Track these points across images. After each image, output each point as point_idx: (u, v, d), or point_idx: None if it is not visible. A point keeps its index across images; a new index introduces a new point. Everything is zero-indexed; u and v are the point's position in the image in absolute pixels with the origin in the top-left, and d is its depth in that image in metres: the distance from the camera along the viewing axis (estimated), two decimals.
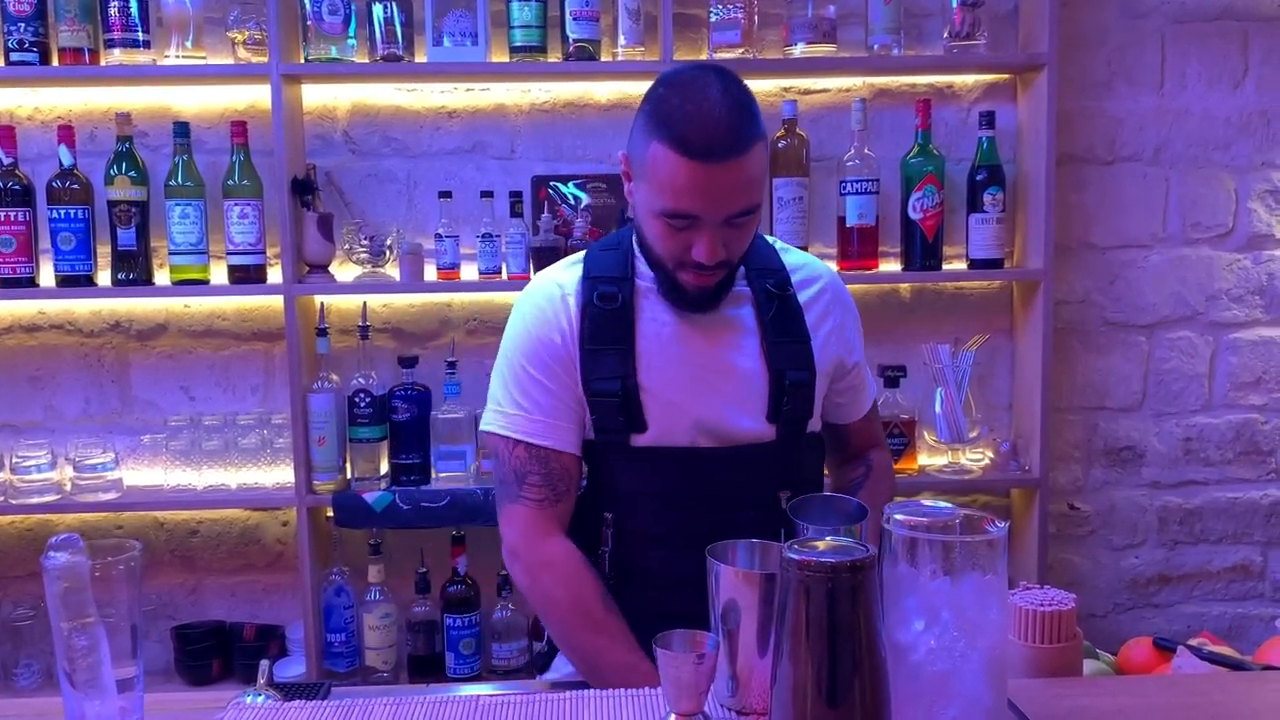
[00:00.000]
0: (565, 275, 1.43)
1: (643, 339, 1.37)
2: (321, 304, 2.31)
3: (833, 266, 2.33)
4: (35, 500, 2.22)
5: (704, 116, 1.24)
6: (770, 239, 1.50)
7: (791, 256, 1.48)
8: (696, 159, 1.23)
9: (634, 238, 1.43)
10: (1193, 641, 1.36)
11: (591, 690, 1.14)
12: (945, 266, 2.33)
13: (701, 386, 1.36)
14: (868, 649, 0.89)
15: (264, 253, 2.25)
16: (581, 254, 1.46)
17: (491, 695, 1.13)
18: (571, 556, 1.35)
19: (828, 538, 0.92)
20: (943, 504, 1.02)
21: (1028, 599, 1.20)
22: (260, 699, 1.19)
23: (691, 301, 1.36)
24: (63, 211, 2.18)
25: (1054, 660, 1.17)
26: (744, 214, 1.29)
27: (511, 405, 1.38)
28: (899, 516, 0.97)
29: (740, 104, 1.28)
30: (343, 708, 1.10)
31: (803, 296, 1.43)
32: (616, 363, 1.34)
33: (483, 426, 1.42)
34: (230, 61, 2.23)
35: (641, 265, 1.42)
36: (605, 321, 1.36)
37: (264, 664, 1.25)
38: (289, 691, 1.23)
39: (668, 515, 1.36)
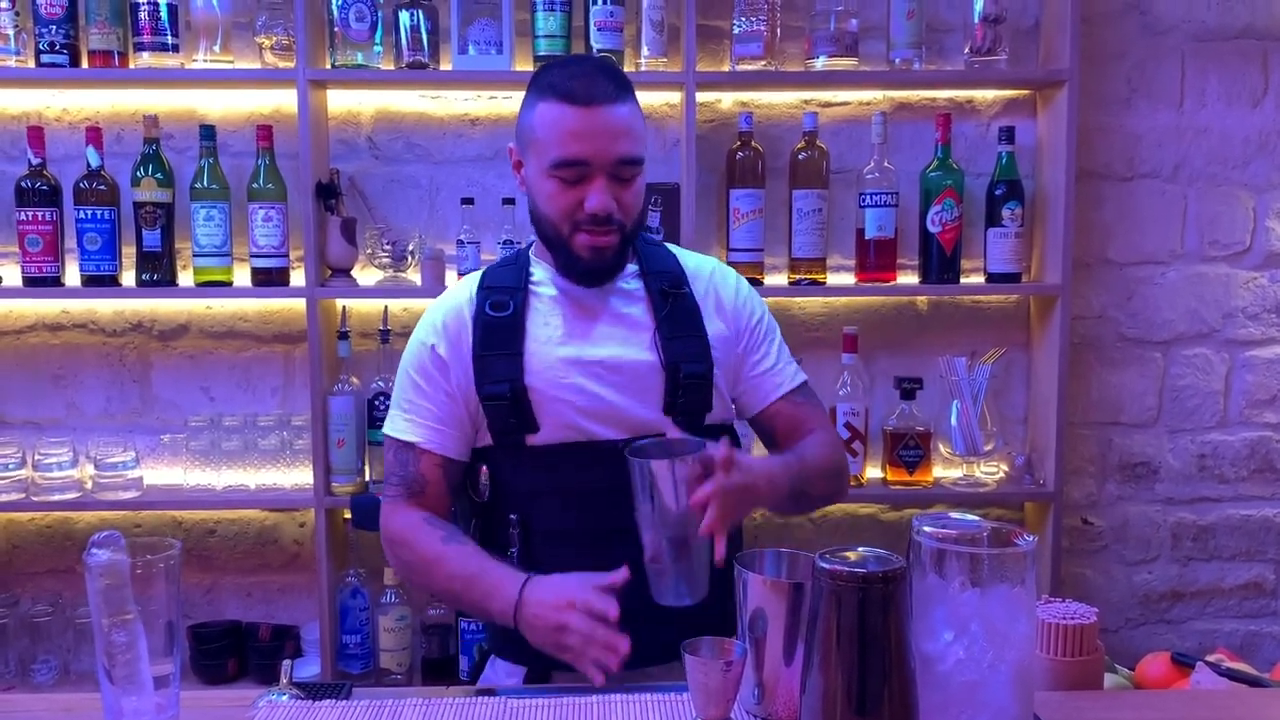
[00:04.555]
0: (463, 289, 1.49)
1: (531, 341, 1.42)
2: (343, 307, 2.33)
3: (850, 280, 2.36)
4: (56, 498, 2.24)
5: (583, 72, 1.38)
6: (671, 247, 1.55)
7: (688, 259, 1.53)
8: (581, 104, 1.34)
9: (530, 248, 1.51)
10: (1211, 657, 1.37)
11: (618, 694, 1.15)
12: (963, 280, 2.34)
13: (593, 383, 1.40)
14: (897, 659, 0.90)
15: (287, 256, 2.27)
16: (482, 271, 1.53)
17: (520, 699, 1.15)
18: (410, 519, 1.41)
19: (860, 549, 0.93)
20: (970, 516, 1.03)
21: (1050, 612, 1.21)
22: (285, 698, 1.20)
23: (589, 270, 1.40)
24: (89, 212, 2.20)
25: (1076, 674, 1.18)
26: (629, 162, 1.36)
27: (395, 408, 1.47)
28: (928, 529, 0.98)
29: (613, 66, 1.44)
30: (373, 708, 1.11)
31: (698, 293, 1.47)
32: (505, 367, 1.39)
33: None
34: (257, 66, 2.25)
35: (536, 272, 1.47)
36: (495, 328, 1.42)
37: (286, 663, 1.27)
38: (311, 691, 1.24)
39: (567, 511, 1.40)
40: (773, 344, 1.51)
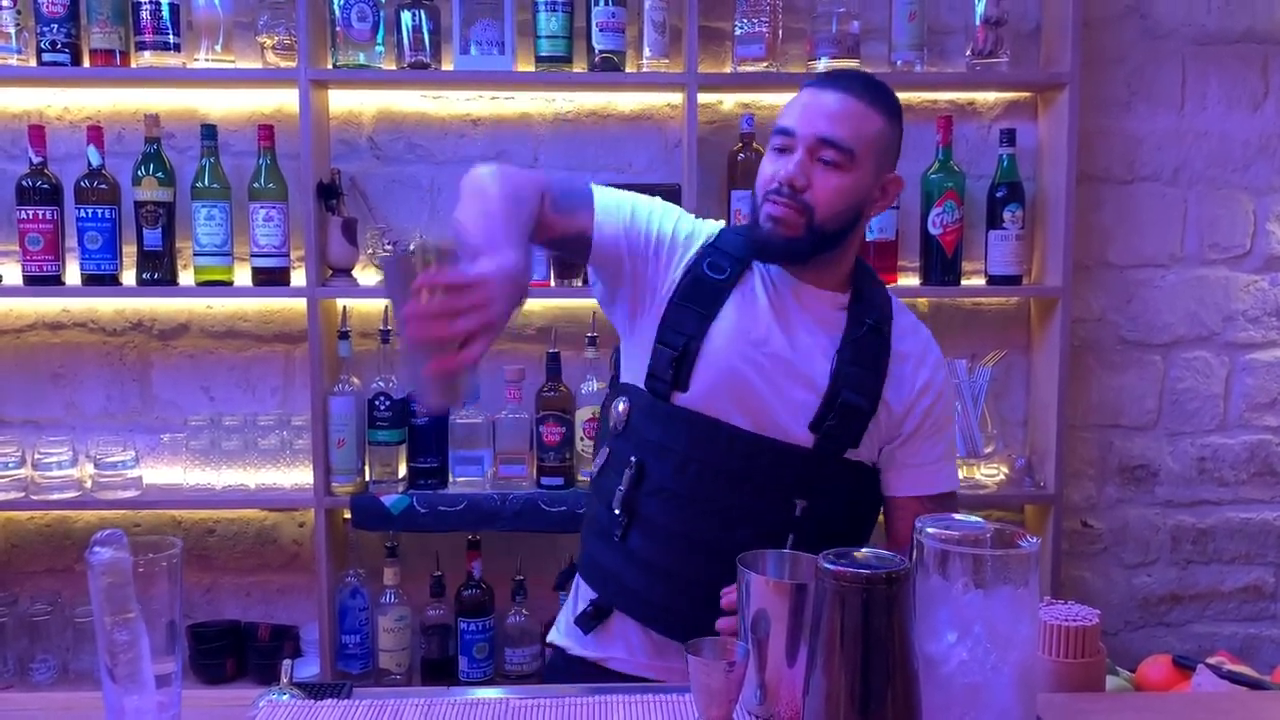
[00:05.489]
0: (709, 231, 1.50)
1: (726, 311, 1.42)
2: (344, 307, 2.33)
3: None
4: (56, 497, 2.23)
5: (838, 71, 1.51)
6: (895, 298, 1.52)
7: (907, 315, 1.50)
8: (809, 86, 1.42)
9: None
10: (1212, 660, 1.37)
11: (619, 695, 1.15)
12: (964, 282, 2.34)
13: (757, 372, 1.40)
14: (900, 660, 0.90)
15: (288, 255, 2.27)
16: (721, 224, 1.53)
17: (520, 699, 1.14)
18: (528, 170, 1.47)
19: (864, 550, 0.93)
20: (973, 518, 1.03)
21: (1052, 614, 1.21)
22: (285, 697, 1.20)
23: (762, 240, 1.40)
24: (90, 211, 2.20)
25: (1078, 675, 1.18)
26: (831, 145, 1.35)
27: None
28: (931, 530, 0.98)
29: (872, 78, 1.44)
30: (374, 708, 1.11)
31: (896, 345, 1.45)
32: (691, 322, 1.42)
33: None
34: (259, 66, 2.25)
35: None
36: (702, 286, 1.44)
37: (286, 663, 1.27)
38: (311, 691, 1.23)
39: (682, 476, 1.40)
40: (939, 441, 1.46)
